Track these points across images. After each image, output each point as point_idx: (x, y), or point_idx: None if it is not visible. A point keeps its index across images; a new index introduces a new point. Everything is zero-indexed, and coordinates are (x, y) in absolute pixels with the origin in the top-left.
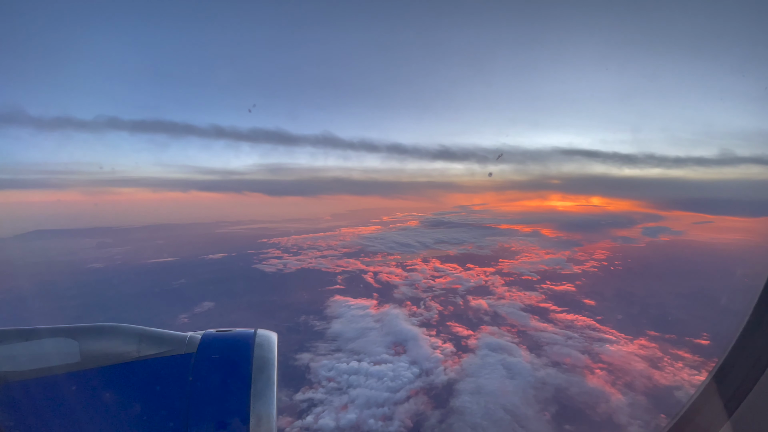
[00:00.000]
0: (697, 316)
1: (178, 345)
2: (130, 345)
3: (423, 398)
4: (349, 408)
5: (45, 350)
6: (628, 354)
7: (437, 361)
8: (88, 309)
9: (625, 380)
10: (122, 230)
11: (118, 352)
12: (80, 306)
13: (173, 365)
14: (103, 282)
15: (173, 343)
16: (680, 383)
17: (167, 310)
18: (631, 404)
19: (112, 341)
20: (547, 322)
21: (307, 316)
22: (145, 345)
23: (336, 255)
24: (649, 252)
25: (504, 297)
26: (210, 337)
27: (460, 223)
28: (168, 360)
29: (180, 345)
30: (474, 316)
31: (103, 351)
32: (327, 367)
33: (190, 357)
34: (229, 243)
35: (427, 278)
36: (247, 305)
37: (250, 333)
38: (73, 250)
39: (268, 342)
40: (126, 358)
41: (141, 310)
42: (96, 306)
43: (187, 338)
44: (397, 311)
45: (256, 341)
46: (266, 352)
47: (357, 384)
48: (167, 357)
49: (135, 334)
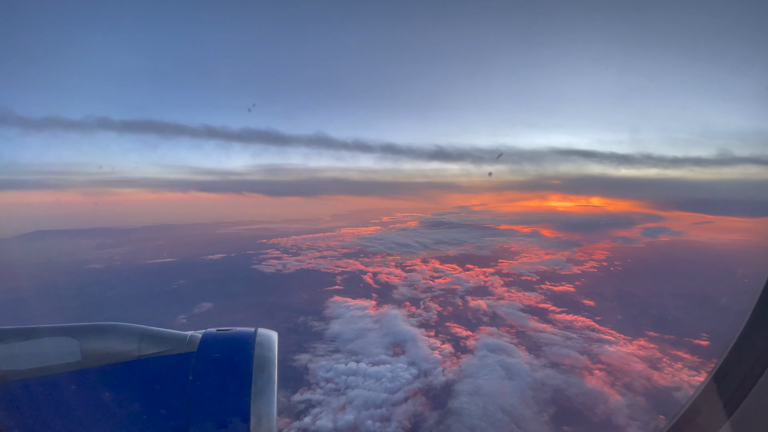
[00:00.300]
0: (696, 317)
1: (178, 344)
2: (130, 344)
3: (421, 399)
4: (346, 409)
5: (46, 349)
6: (627, 355)
7: (436, 362)
8: (86, 309)
9: (623, 381)
10: (122, 231)
11: (118, 351)
12: (79, 307)
13: (174, 364)
14: (102, 282)
15: (174, 343)
16: (679, 384)
17: (166, 310)
18: (629, 405)
19: (112, 340)
20: (546, 322)
21: (305, 317)
22: (145, 344)
23: (335, 255)
24: (649, 252)
25: (503, 297)
26: (210, 336)
27: (459, 223)
28: (169, 359)
29: (181, 344)
30: (473, 317)
31: (104, 350)
32: (325, 368)
33: (191, 356)
34: (228, 243)
35: (427, 279)
36: (245, 306)
37: (250, 332)
38: (73, 251)
39: (268, 341)
40: (127, 357)
41: (139, 310)
42: (94, 306)
43: (188, 337)
44: (396, 312)
45: (256, 340)
46: (267, 351)
47: (355, 385)
48: (168, 356)
49: (136, 333)
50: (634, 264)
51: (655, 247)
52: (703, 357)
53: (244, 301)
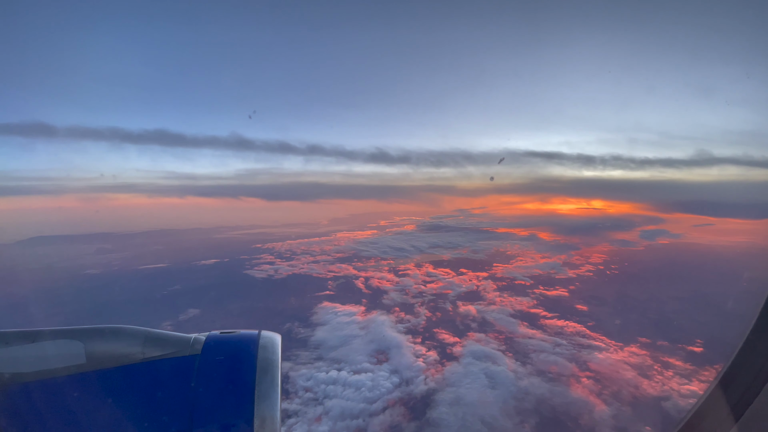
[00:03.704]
0: (691, 322)
1: (182, 347)
2: (134, 347)
3: (400, 409)
4: (322, 420)
5: (50, 352)
6: (616, 362)
7: (419, 370)
8: (80, 315)
9: (611, 390)
10: (122, 236)
11: (123, 353)
12: (71, 313)
13: (178, 367)
14: (96, 288)
15: (178, 345)
16: (668, 393)
17: (152, 317)
18: (615, 416)
19: (116, 343)
20: (536, 328)
21: (292, 323)
22: (149, 347)
23: (329, 260)
24: (647, 255)
25: (494, 302)
26: (214, 338)
27: (457, 227)
28: (172, 362)
29: (184, 347)
30: (461, 323)
31: (108, 353)
32: (305, 377)
33: (195, 359)
34: (224, 249)
35: (419, 283)
36: (232, 312)
37: (254, 334)
38: (72, 256)
39: (272, 344)
40: (131, 359)
41: (129, 316)
42: (84, 312)
43: (192, 340)
44: (384, 318)
45: (260, 343)
46: (270, 353)
47: (334, 394)
48: (172, 359)
49: (140, 336)
50: (630, 267)
51: (653, 250)
52: (696, 364)
53: (232, 307)
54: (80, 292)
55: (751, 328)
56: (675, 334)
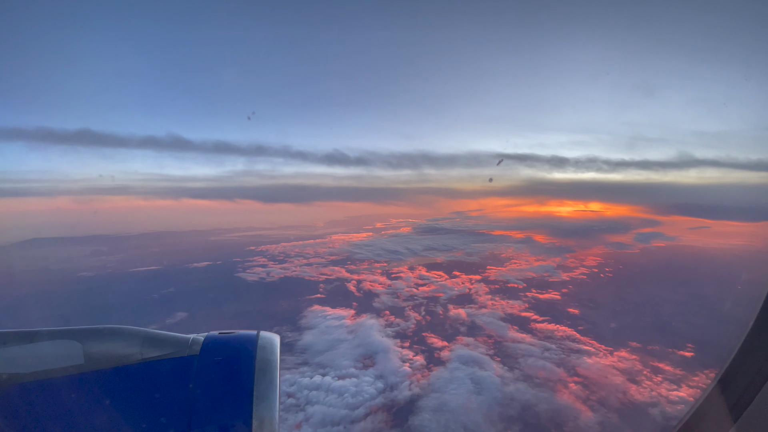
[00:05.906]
0: (683, 325)
1: (181, 347)
2: (133, 347)
3: (382, 416)
4: (302, 427)
5: (48, 352)
6: (605, 367)
7: (404, 375)
8: (70, 318)
9: (598, 396)
10: (117, 238)
11: (121, 354)
12: (63, 316)
13: (176, 367)
14: (88, 291)
15: (176, 346)
16: (656, 400)
17: (141, 321)
18: (600, 422)
19: (115, 343)
20: (525, 332)
21: (280, 327)
22: (148, 347)
23: (322, 263)
24: (641, 258)
25: (486, 306)
26: (213, 339)
27: (452, 229)
28: (171, 362)
29: (183, 347)
30: (451, 327)
31: (107, 353)
32: (289, 382)
33: (193, 359)
34: (218, 251)
35: (411, 286)
36: (221, 315)
37: (252, 335)
38: (67, 258)
39: (270, 344)
40: (129, 360)
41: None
42: (75, 315)
43: (190, 340)
44: (372, 322)
45: (258, 343)
46: (269, 354)
47: (316, 400)
48: (170, 359)
49: (138, 336)
50: (624, 270)
51: (648, 252)
52: (686, 370)
53: (220, 310)
54: (73, 295)
55: (749, 330)
56: (667, 338)
